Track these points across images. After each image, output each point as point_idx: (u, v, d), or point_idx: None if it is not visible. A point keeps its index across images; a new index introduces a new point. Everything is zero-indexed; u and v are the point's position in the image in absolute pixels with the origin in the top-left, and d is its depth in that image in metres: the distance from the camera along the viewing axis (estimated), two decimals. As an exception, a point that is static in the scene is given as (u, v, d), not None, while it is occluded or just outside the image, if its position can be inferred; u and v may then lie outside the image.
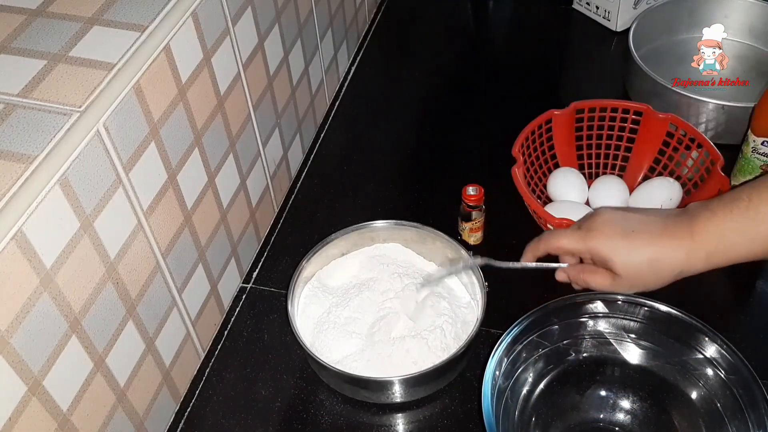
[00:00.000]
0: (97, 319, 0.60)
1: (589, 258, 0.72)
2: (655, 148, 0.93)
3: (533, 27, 1.29)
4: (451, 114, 1.11)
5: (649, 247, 0.67)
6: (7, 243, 0.49)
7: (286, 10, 0.89)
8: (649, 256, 0.67)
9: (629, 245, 0.68)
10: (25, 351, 0.52)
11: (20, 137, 0.53)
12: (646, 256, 0.67)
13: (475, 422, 0.75)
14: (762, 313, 0.85)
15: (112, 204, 0.59)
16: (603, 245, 0.69)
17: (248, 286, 0.89)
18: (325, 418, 0.76)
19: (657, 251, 0.67)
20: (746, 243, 0.64)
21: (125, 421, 0.67)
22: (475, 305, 0.81)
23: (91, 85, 0.57)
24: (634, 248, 0.68)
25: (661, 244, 0.67)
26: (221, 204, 0.80)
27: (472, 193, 0.85)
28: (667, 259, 0.66)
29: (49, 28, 0.62)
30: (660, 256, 0.67)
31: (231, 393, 0.79)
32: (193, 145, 0.71)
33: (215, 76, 0.73)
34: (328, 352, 0.77)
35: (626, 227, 0.69)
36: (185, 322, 0.76)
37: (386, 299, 0.81)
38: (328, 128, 1.09)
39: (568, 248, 0.73)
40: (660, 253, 0.67)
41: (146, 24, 0.62)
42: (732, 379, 0.66)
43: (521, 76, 1.17)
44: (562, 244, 0.73)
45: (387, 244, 0.87)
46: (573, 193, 0.92)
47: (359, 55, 1.21)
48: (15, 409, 0.52)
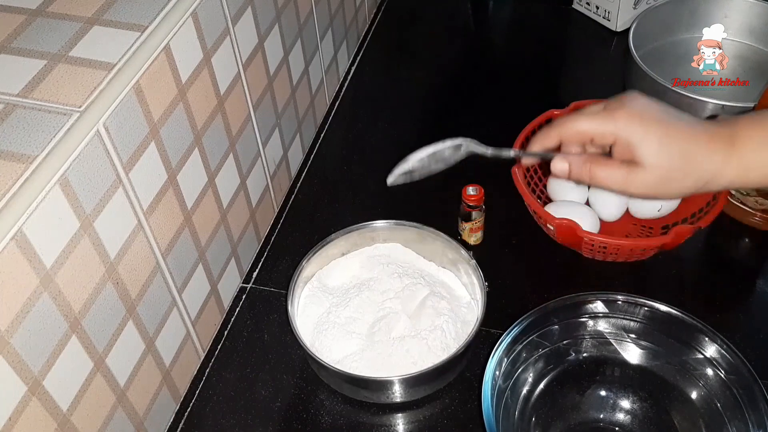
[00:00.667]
0: (97, 319, 0.60)
1: (610, 141, 0.61)
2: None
3: (533, 27, 1.29)
4: (451, 114, 1.11)
5: (686, 141, 0.59)
6: (7, 243, 0.49)
7: (286, 10, 0.89)
8: (684, 148, 0.58)
9: (664, 132, 0.59)
10: (25, 351, 0.52)
11: (20, 137, 0.53)
12: (680, 147, 0.58)
13: (475, 422, 0.75)
14: (762, 313, 0.85)
15: (112, 204, 0.59)
16: (633, 126, 0.59)
17: (248, 286, 0.89)
18: (325, 418, 0.76)
19: (694, 147, 0.58)
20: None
21: (125, 421, 0.67)
22: (475, 305, 0.81)
23: (91, 85, 0.57)
24: (669, 136, 0.59)
25: (697, 140, 0.59)
26: (221, 204, 0.80)
27: (472, 193, 0.85)
28: (702, 159, 0.58)
29: (49, 28, 0.62)
30: (695, 153, 0.58)
31: (231, 393, 0.79)
32: (193, 145, 0.71)
33: (215, 76, 0.73)
34: (328, 352, 0.77)
35: (662, 113, 0.60)
36: (185, 322, 0.76)
37: (386, 299, 0.81)
38: (328, 128, 1.09)
39: (588, 130, 0.62)
40: (696, 150, 0.58)
41: (146, 24, 0.62)
42: (732, 379, 0.66)
43: (521, 76, 1.17)
44: (581, 127, 0.62)
45: (387, 244, 0.87)
46: (573, 193, 0.92)
47: (359, 55, 1.21)
48: (15, 409, 0.52)
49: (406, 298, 0.81)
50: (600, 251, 0.83)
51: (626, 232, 0.91)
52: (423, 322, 0.78)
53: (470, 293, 0.83)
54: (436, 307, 0.79)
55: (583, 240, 0.81)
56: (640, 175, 0.59)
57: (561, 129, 0.63)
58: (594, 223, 0.88)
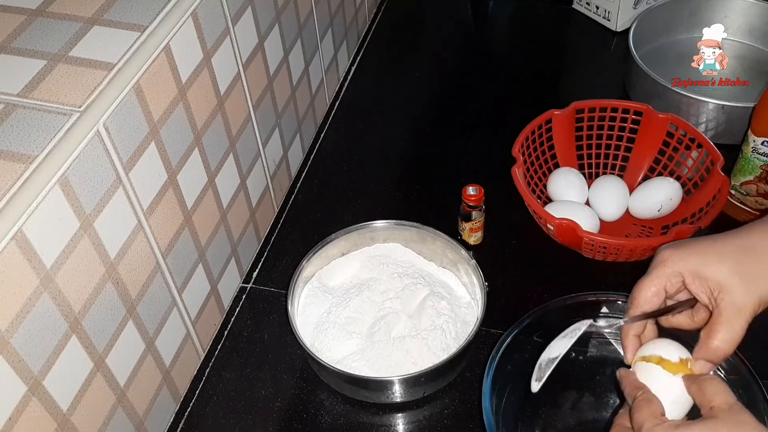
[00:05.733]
0: (97, 319, 0.60)
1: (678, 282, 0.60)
2: (655, 148, 0.93)
3: (533, 27, 1.29)
4: (451, 114, 1.11)
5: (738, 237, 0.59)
6: (7, 243, 0.49)
7: (286, 10, 0.89)
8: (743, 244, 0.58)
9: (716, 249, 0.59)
10: (25, 351, 0.52)
11: (20, 137, 0.53)
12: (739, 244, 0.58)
13: (475, 422, 0.75)
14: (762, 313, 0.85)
15: (112, 204, 0.59)
16: (685, 255, 0.59)
17: (248, 286, 0.89)
18: (325, 418, 0.76)
19: (748, 238, 0.59)
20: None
21: (125, 421, 0.67)
22: (475, 305, 0.81)
23: (91, 85, 0.57)
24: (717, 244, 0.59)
25: (747, 232, 0.59)
26: (221, 204, 0.80)
27: (472, 193, 0.85)
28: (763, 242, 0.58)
29: (49, 28, 0.62)
30: (753, 240, 0.58)
31: (231, 393, 0.79)
32: (193, 145, 0.71)
33: (215, 76, 0.73)
34: (328, 352, 0.77)
35: (696, 238, 0.61)
36: (185, 322, 0.76)
37: (386, 299, 0.81)
38: (328, 128, 1.09)
39: (649, 292, 0.61)
40: (752, 239, 0.59)
41: (146, 24, 0.62)
42: (732, 379, 0.66)
43: (521, 77, 1.17)
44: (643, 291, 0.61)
45: (387, 244, 0.87)
46: (573, 193, 0.92)
47: (359, 55, 1.21)
48: (15, 409, 0.52)
49: (406, 298, 0.81)
50: (600, 251, 0.83)
51: (626, 232, 0.91)
52: (423, 322, 0.78)
53: (470, 293, 0.83)
54: (436, 307, 0.79)
55: (583, 240, 0.81)
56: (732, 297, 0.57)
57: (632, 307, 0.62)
58: (594, 223, 0.88)
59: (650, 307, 0.61)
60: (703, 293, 0.59)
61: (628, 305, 0.63)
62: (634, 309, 0.62)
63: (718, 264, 0.58)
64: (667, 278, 0.60)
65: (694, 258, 0.59)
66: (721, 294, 0.57)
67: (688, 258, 0.59)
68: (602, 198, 0.91)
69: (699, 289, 0.59)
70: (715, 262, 0.58)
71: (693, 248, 0.60)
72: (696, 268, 0.59)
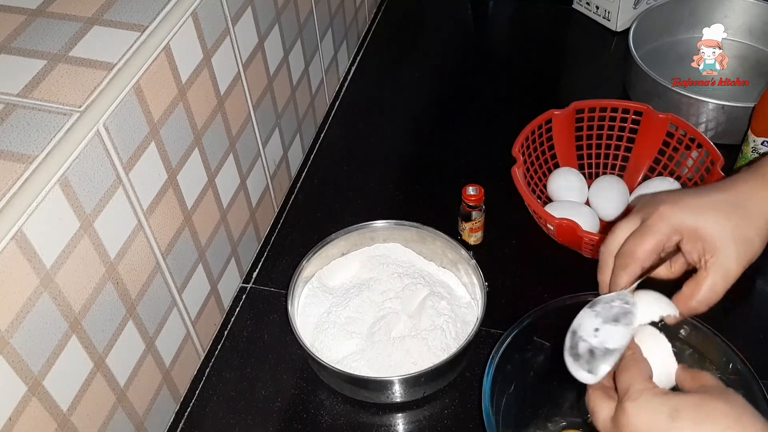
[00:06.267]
0: (97, 319, 0.60)
1: (675, 241, 0.58)
2: (655, 148, 0.93)
3: (533, 27, 1.28)
4: (451, 114, 1.11)
5: (728, 193, 0.58)
6: (7, 243, 0.49)
7: (286, 10, 0.89)
8: (735, 200, 0.57)
9: (713, 207, 0.57)
10: (25, 351, 0.52)
11: (20, 137, 0.53)
12: (731, 201, 0.57)
13: (475, 422, 0.75)
14: (762, 313, 0.85)
15: (112, 204, 0.59)
16: (683, 213, 0.57)
17: (248, 286, 0.89)
18: (325, 418, 0.76)
19: (737, 194, 0.57)
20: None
21: (125, 421, 0.67)
22: (475, 305, 0.81)
23: (91, 85, 0.57)
24: (712, 202, 0.57)
25: (736, 188, 0.58)
26: (221, 204, 0.80)
27: (472, 193, 0.85)
28: (753, 200, 0.57)
29: (49, 28, 0.62)
30: (742, 197, 0.57)
31: (231, 393, 0.79)
32: (193, 145, 0.71)
33: (215, 76, 0.73)
34: (328, 352, 0.77)
35: (686, 192, 0.59)
36: (185, 322, 0.76)
37: (386, 299, 0.81)
38: (328, 128, 1.09)
39: (650, 248, 0.58)
40: (741, 195, 0.57)
41: (146, 24, 0.62)
42: (732, 379, 0.66)
43: (521, 77, 1.17)
44: (646, 248, 0.58)
45: (387, 244, 0.87)
46: (573, 193, 0.92)
47: (359, 55, 1.21)
48: (15, 409, 0.52)
49: (406, 298, 0.81)
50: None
51: (626, 232, 0.91)
52: (423, 322, 0.78)
53: (470, 293, 0.83)
54: (436, 307, 0.79)
55: (583, 240, 0.81)
56: (725, 255, 0.56)
57: (633, 263, 0.58)
58: (594, 223, 0.88)
59: (647, 264, 0.59)
60: (695, 253, 0.57)
61: (624, 262, 0.59)
62: (635, 266, 0.58)
63: (716, 225, 0.56)
64: (667, 235, 0.58)
65: (694, 216, 0.57)
66: (714, 257, 0.56)
67: (687, 216, 0.57)
68: (602, 198, 0.91)
69: (693, 248, 0.57)
70: (713, 222, 0.56)
71: (690, 204, 0.58)
72: (695, 227, 0.56)
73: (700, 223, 0.56)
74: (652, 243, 0.58)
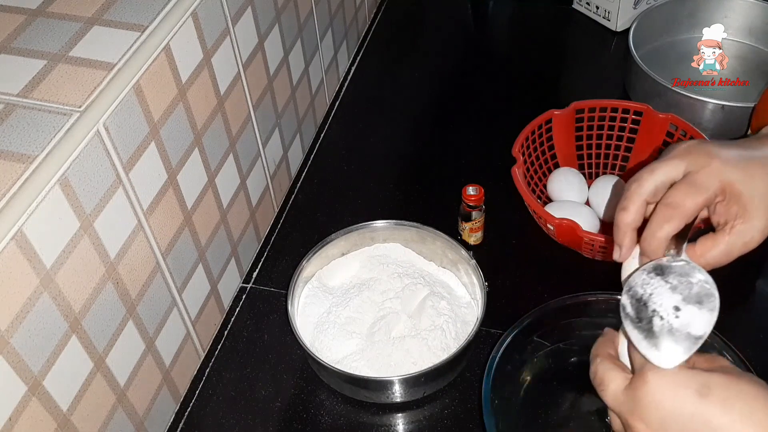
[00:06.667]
0: (97, 319, 0.60)
1: (717, 202, 0.53)
2: (655, 148, 0.93)
3: (533, 27, 1.28)
4: (451, 114, 1.11)
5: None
6: (7, 243, 0.49)
7: (286, 10, 0.89)
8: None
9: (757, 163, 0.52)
10: (25, 351, 0.52)
11: (20, 137, 0.53)
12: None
13: (475, 422, 0.75)
14: (762, 313, 0.85)
15: (112, 204, 0.59)
16: (735, 174, 0.51)
17: (248, 286, 0.89)
18: (325, 418, 0.76)
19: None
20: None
21: (125, 421, 0.67)
22: (475, 305, 0.81)
23: (91, 85, 0.57)
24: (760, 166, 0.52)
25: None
26: (221, 204, 0.80)
27: (472, 193, 0.85)
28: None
29: (49, 28, 0.62)
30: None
31: (231, 393, 0.79)
32: (193, 145, 0.71)
33: (215, 76, 0.73)
34: (328, 352, 0.77)
35: (733, 145, 0.54)
36: (185, 322, 0.76)
37: (386, 299, 0.81)
38: (328, 128, 1.09)
39: (700, 205, 0.52)
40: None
41: (146, 24, 0.62)
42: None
43: (521, 76, 1.17)
44: (696, 202, 0.52)
45: (387, 244, 0.87)
46: (573, 193, 0.92)
47: (359, 55, 1.21)
48: (15, 409, 0.52)
49: (406, 298, 0.81)
50: (600, 251, 0.83)
51: (626, 232, 0.91)
52: (423, 322, 0.78)
53: (470, 293, 0.83)
54: (436, 307, 0.79)
55: (583, 240, 0.81)
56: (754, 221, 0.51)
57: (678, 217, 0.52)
58: (594, 223, 0.88)
59: (689, 222, 0.52)
60: (725, 216, 0.52)
61: (669, 213, 0.52)
62: (679, 220, 0.52)
63: (752, 185, 0.51)
64: (715, 195, 0.52)
65: (743, 179, 0.51)
66: (743, 224, 0.51)
67: (737, 176, 0.51)
68: (602, 198, 0.91)
69: (726, 211, 0.52)
70: (755, 179, 0.51)
71: (740, 166, 0.52)
72: (740, 192, 0.51)
73: (746, 189, 0.51)
74: (702, 200, 0.51)
